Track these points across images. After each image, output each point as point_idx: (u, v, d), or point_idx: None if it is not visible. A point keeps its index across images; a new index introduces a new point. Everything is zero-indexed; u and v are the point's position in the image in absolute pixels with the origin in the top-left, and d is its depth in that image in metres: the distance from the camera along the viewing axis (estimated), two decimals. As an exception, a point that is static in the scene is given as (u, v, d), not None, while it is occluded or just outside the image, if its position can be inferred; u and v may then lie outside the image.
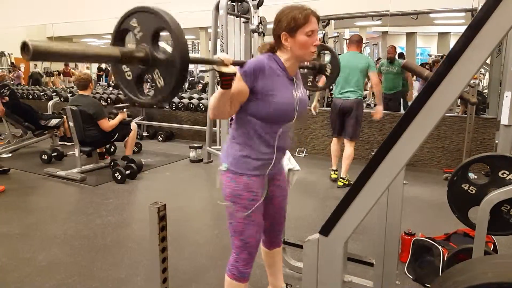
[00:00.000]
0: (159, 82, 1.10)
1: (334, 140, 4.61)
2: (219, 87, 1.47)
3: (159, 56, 1.08)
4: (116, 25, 1.12)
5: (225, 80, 1.42)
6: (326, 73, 2.11)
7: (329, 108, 6.41)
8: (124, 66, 1.18)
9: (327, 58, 2.13)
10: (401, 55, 8.52)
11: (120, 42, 1.14)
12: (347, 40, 5.11)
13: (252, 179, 1.65)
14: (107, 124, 4.69)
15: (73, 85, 9.02)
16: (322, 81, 2.52)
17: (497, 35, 0.98)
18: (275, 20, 1.60)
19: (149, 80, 1.15)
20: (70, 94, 7.34)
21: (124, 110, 4.89)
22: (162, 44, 1.19)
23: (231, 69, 1.40)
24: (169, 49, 1.14)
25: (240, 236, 1.69)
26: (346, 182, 4.33)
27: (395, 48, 6.06)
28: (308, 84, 2.23)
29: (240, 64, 1.53)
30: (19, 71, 10.52)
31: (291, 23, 1.54)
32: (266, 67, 1.56)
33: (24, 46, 0.80)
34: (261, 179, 1.70)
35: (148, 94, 1.20)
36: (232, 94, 1.51)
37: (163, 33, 1.12)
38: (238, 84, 1.52)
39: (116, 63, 1.16)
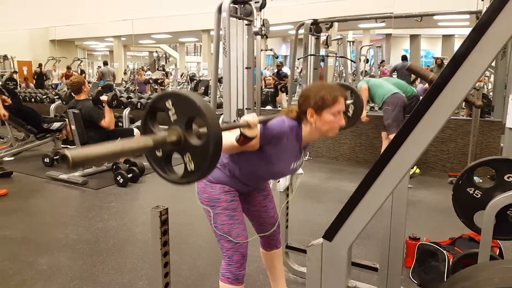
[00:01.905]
0: (189, 166, 1.10)
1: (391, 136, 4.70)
2: (233, 139, 1.45)
3: (192, 141, 1.09)
4: (150, 102, 1.15)
5: (244, 141, 1.42)
6: (348, 114, 2.10)
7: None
8: None
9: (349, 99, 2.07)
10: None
11: (152, 118, 1.16)
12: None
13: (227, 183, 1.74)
14: (106, 123, 4.62)
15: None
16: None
17: (502, 37, 0.97)
18: (301, 95, 1.61)
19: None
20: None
21: (103, 96, 4.75)
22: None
23: (254, 133, 1.40)
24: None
25: (229, 237, 1.73)
26: None
27: None
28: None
29: (265, 122, 1.52)
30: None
31: (319, 101, 1.53)
32: (284, 139, 1.56)
33: (64, 158, 0.86)
34: None
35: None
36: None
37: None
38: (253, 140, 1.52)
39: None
